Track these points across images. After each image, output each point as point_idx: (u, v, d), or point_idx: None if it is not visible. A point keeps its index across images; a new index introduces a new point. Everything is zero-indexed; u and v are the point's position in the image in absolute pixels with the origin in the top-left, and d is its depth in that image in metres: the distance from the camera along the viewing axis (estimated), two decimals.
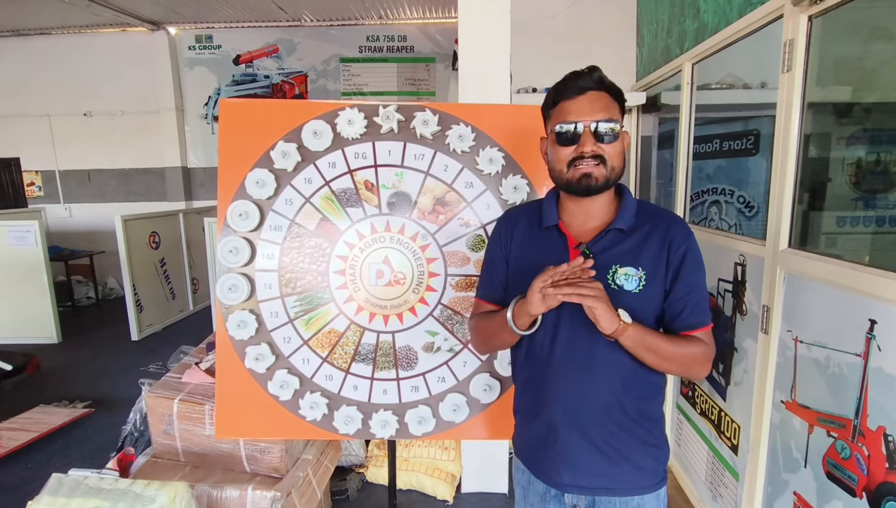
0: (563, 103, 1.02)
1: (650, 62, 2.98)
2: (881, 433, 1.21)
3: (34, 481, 2.50)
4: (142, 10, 5.46)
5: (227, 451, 1.83)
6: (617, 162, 1.01)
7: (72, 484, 1.52)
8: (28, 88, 6.19)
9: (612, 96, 1.02)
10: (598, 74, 1.01)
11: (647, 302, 1.02)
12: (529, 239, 1.13)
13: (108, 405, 3.32)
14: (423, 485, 2.39)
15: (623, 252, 1.03)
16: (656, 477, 1.10)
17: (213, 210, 5.58)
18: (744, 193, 2.40)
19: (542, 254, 1.09)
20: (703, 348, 1.03)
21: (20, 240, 4.37)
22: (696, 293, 1.03)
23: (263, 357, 1.55)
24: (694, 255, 1.03)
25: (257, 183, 1.52)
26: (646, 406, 1.08)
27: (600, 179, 1.00)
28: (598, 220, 1.07)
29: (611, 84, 1.02)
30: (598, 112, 0.99)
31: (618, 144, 1.01)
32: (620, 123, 1.01)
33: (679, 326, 1.03)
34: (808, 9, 1.44)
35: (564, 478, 1.09)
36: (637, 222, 1.05)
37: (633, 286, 1.01)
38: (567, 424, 1.07)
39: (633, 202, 1.08)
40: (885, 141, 1.96)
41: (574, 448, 1.07)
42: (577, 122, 0.99)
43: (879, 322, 1.21)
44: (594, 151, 0.99)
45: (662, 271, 1.02)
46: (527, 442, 1.17)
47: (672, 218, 1.07)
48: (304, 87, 6.06)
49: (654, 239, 1.03)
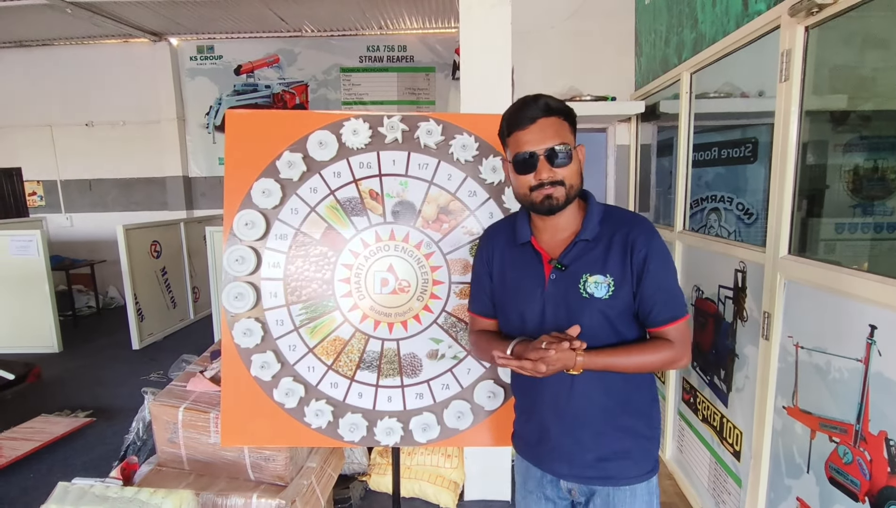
0: (515, 134, 1.08)
1: (649, 71, 3.02)
2: (883, 437, 1.22)
3: (35, 490, 2.49)
4: (144, 22, 5.52)
5: (231, 459, 1.83)
6: (574, 180, 1.08)
7: (77, 493, 1.52)
8: (30, 98, 6.23)
9: (563, 118, 1.07)
10: (544, 100, 1.06)
11: (618, 306, 1.08)
12: (508, 254, 1.21)
13: (110, 414, 3.32)
14: (426, 493, 2.39)
15: (591, 261, 1.09)
16: (646, 467, 1.17)
17: (214, 219, 5.61)
18: (742, 200, 2.43)
19: (521, 269, 1.18)
20: (668, 351, 1.08)
21: (22, 250, 4.38)
22: (664, 292, 1.08)
23: (269, 365, 1.56)
24: (657, 254, 1.08)
25: (263, 192, 1.54)
26: (631, 402, 1.15)
27: (561, 200, 1.07)
28: (567, 232, 1.14)
29: (558, 106, 1.07)
30: (549, 139, 1.05)
31: (573, 165, 1.07)
32: (573, 143, 1.08)
33: (651, 323, 1.10)
34: (805, 20, 1.47)
35: (562, 470, 1.18)
36: (602, 230, 1.11)
37: (603, 293, 1.08)
38: (556, 425, 1.16)
39: (598, 210, 1.13)
40: (882, 148, 1.98)
41: (565, 447, 1.16)
42: (531, 151, 1.05)
43: (879, 328, 1.23)
44: (551, 177, 1.06)
45: (628, 274, 1.08)
46: (523, 437, 1.27)
47: (634, 221, 1.12)
48: (305, 96, 6.11)
49: (618, 245, 1.09)
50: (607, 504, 1.16)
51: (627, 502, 1.15)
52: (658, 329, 1.10)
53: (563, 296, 1.10)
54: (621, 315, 1.10)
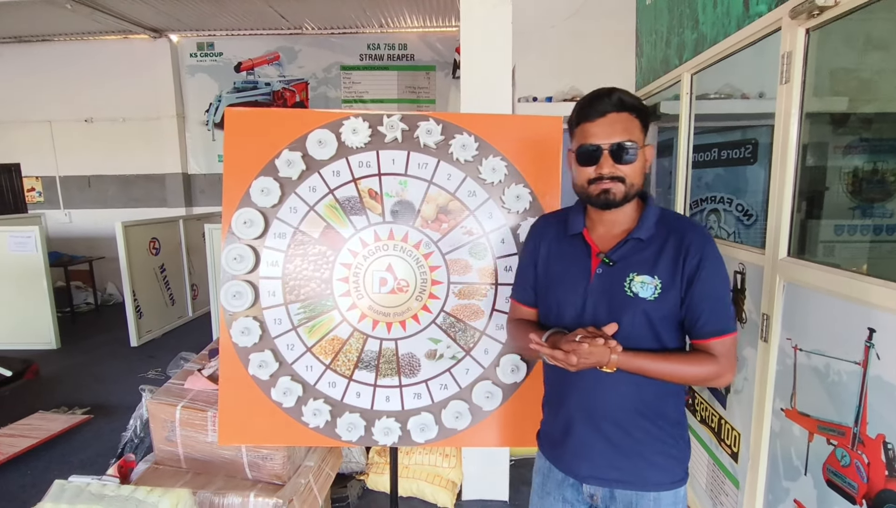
0: (584, 125, 1.06)
1: (649, 72, 3.01)
2: (881, 440, 1.22)
3: (33, 487, 2.49)
4: (144, 18, 5.50)
5: (229, 458, 1.83)
6: (636, 179, 1.06)
7: (74, 491, 1.52)
8: (29, 94, 6.22)
9: (634, 115, 1.05)
10: (617, 95, 1.04)
11: (662, 310, 1.05)
12: (555, 246, 1.20)
13: (108, 411, 3.31)
14: (424, 492, 2.39)
15: (641, 261, 1.07)
16: (674, 476, 1.13)
17: (213, 217, 5.60)
18: (742, 201, 2.43)
19: (567, 260, 1.16)
20: (710, 366, 1.04)
21: (20, 246, 4.37)
22: (713, 302, 1.04)
23: (267, 364, 1.56)
24: (711, 264, 1.04)
25: (262, 191, 1.53)
26: (662, 406, 1.11)
27: (618, 196, 1.05)
28: (621, 228, 1.12)
29: (631, 102, 1.05)
30: (617, 134, 1.03)
31: (637, 164, 1.05)
32: (641, 141, 1.05)
33: (697, 334, 1.06)
34: (806, 22, 1.47)
35: (583, 470, 1.15)
36: (657, 231, 1.08)
37: (649, 294, 1.05)
38: (582, 419, 1.13)
39: (655, 211, 1.11)
40: (882, 151, 1.98)
41: (589, 442, 1.13)
42: (596, 144, 1.04)
43: (878, 331, 1.23)
44: (612, 173, 1.04)
45: (679, 279, 1.05)
46: (549, 434, 1.25)
47: (690, 226, 1.09)
48: (305, 94, 6.10)
49: (671, 248, 1.06)
50: None
51: None
52: (703, 342, 1.06)
53: (607, 292, 1.08)
54: (664, 320, 1.06)
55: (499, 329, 1.57)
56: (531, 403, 1.58)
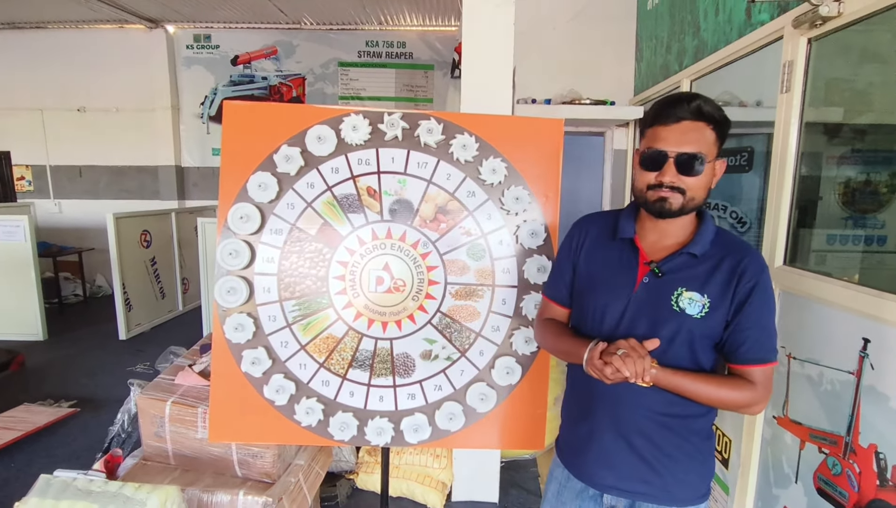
0: (655, 128, 1.02)
1: (648, 77, 3.03)
2: (872, 450, 1.23)
3: (16, 481, 2.45)
4: (140, 8, 5.44)
5: (218, 455, 1.81)
6: (698, 193, 1.02)
7: (60, 486, 1.49)
8: (21, 81, 6.12)
9: (712, 126, 1.00)
10: (697, 103, 0.98)
11: (708, 329, 1.02)
12: (600, 248, 1.16)
13: (94, 404, 3.27)
14: (414, 493, 2.38)
15: (691, 277, 1.04)
16: (698, 492, 1.11)
17: (206, 210, 5.55)
18: (736, 208, 2.44)
19: (612, 265, 1.12)
20: (747, 392, 1.01)
21: (8, 235, 4.31)
22: (759, 330, 1.01)
23: (260, 361, 1.54)
24: (763, 291, 1.01)
25: (259, 186, 1.52)
26: (693, 423, 1.08)
27: (675, 206, 1.01)
28: (673, 240, 1.08)
29: (710, 113, 0.99)
30: (687, 144, 0.98)
31: (703, 178, 1.00)
32: (712, 157, 1.01)
33: (737, 360, 1.03)
34: (808, 31, 1.48)
35: (607, 480, 1.12)
36: (712, 250, 1.05)
37: (696, 312, 1.02)
38: (611, 429, 1.10)
39: (712, 229, 1.07)
40: (875, 162, 2.00)
41: (616, 452, 1.10)
42: (662, 150, 1.00)
43: (873, 341, 1.23)
44: (673, 183, 1.00)
45: (728, 301, 1.02)
46: (570, 443, 1.20)
47: (748, 251, 1.05)
48: (302, 89, 6.06)
49: (725, 268, 1.02)
50: None
51: None
52: (743, 367, 1.03)
53: (653, 303, 1.05)
54: (705, 340, 1.04)
55: (494, 331, 1.56)
56: (525, 405, 1.58)
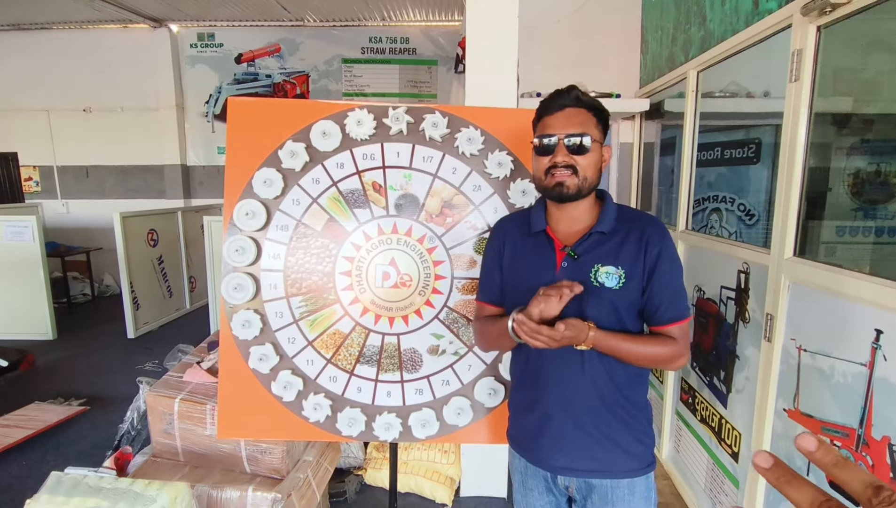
0: (544, 119, 1.14)
1: (654, 69, 3.00)
2: (886, 443, 1.22)
3: (28, 479, 2.48)
4: (144, 7, 5.45)
5: (227, 451, 1.82)
6: (590, 173, 1.11)
7: (71, 483, 1.50)
8: (27, 82, 6.15)
9: (592, 113, 1.12)
10: (575, 92, 1.12)
11: (627, 299, 1.12)
12: (520, 244, 1.24)
13: (104, 403, 3.29)
14: (422, 488, 2.39)
15: (604, 253, 1.13)
16: (644, 462, 1.18)
17: (212, 209, 5.57)
18: (744, 201, 2.42)
19: (532, 256, 1.20)
20: (672, 347, 1.11)
21: (17, 235, 4.34)
22: (671, 291, 1.12)
23: (267, 358, 1.54)
24: (668, 254, 1.12)
25: (265, 182, 1.51)
26: (631, 394, 1.17)
27: (572, 188, 1.11)
28: (582, 224, 1.17)
29: (588, 101, 1.12)
30: (573, 126, 1.10)
31: (591, 156, 1.11)
32: (597, 138, 1.11)
33: (657, 321, 1.13)
34: (818, 19, 1.45)
35: (560, 462, 1.18)
36: (617, 225, 1.15)
37: (614, 284, 1.11)
38: (560, 412, 1.17)
39: (614, 207, 1.17)
40: (884, 152, 1.97)
41: (568, 435, 1.17)
42: (552, 134, 1.11)
43: (885, 332, 1.22)
44: (566, 161, 1.09)
45: (640, 269, 1.11)
46: (522, 432, 1.27)
47: (648, 220, 1.16)
48: (306, 87, 6.06)
49: (632, 240, 1.12)
50: (605, 500, 1.16)
51: (626, 498, 1.16)
52: (662, 328, 1.13)
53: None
54: (628, 308, 1.12)
55: None
56: None
